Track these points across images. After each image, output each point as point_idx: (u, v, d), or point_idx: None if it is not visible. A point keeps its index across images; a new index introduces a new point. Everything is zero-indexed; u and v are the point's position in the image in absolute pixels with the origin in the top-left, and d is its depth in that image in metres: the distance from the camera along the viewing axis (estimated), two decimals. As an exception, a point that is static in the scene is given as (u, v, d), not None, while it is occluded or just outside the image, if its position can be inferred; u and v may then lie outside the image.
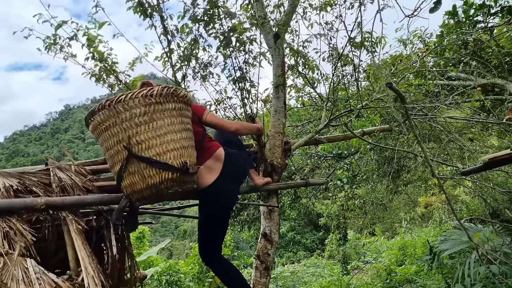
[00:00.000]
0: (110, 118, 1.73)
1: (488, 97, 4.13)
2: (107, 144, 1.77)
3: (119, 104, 1.71)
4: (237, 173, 2.25)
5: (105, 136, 1.77)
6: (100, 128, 1.77)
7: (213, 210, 2.16)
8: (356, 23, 2.81)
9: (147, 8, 2.66)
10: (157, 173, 1.74)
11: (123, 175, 1.75)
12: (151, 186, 1.75)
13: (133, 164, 1.73)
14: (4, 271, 1.33)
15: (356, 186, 6.03)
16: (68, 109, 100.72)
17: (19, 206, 1.67)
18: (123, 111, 1.71)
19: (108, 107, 1.72)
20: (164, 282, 6.18)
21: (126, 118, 1.71)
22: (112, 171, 1.87)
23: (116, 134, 1.73)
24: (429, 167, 3.03)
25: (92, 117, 1.79)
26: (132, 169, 1.74)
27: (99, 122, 1.76)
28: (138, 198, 1.81)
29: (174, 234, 30.88)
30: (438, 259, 5.55)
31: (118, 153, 1.75)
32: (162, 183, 1.76)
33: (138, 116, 1.72)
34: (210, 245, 2.24)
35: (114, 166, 1.80)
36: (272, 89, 3.00)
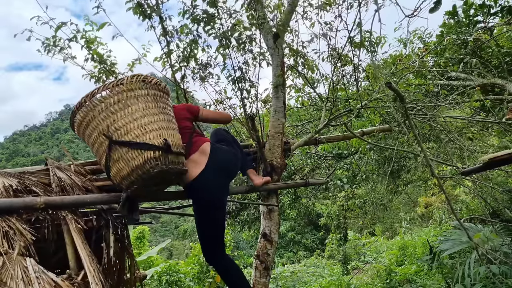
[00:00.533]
0: (89, 113, 1.81)
1: (488, 97, 4.13)
2: (91, 140, 1.84)
3: (93, 98, 1.79)
4: (224, 168, 2.21)
5: (88, 132, 1.84)
6: (83, 126, 1.85)
7: (200, 206, 2.15)
8: (356, 23, 2.81)
9: (146, 9, 2.66)
10: (139, 154, 1.79)
11: (109, 164, 1.80)
12: (136, 167, 1.78)
13: (116, 151, 1.79)
14: (3, 270, 1.33)
15: (356, 186, 6.03)
16: (68, 109, 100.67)
17: (18, 205, 1.67)
18: (98, 103, 1.79)
19: (85, 103, 1.80)
20: (164, 282, 6.18)
21: (102, 109, 1.78)
22: (101, 166, 1.90)
23: (97, 127, 1.80)
24: (429, 167, 3.03)
25: (74, 118, 1.86)
26: (116, 156, 1.79)
27: (80, 120, 1.84)
28: (128, 184, 1.82)
29: (174, 234, 30.87)
30: (438, 259, 5.54)
31: (102, 145, 1.81)
32: (146, 162, 1.78)
33: (112, 104, 1.79)
34: (209, 243, 2.24)
35: (101, 159, 1.84)
36: (271, 89, 3.00)
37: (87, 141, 1.89)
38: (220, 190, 2.21)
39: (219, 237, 2.24)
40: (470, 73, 4.54)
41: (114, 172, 1.81)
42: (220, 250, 2.25)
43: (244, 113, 2.68)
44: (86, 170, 2.14)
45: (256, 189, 2.65)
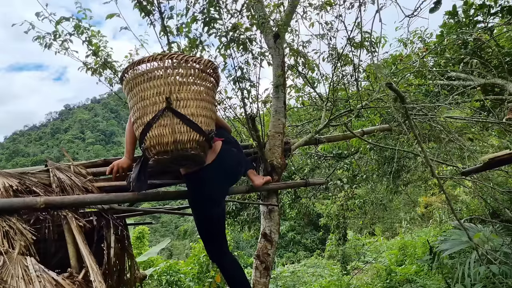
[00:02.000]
0: (157, 70, 1.84)
1: (488, 97, 4.13)
2: (144, 94, 1.85)
3: (170, 60, 1.84)
4: (228, 171, 2.24)
5: (145, 86, 1.85)
6: (142, 77, 1.86)
7: (195, 199, 2.16)
8: (356, 23, 2.81)
9: (145, 6, 2.66)
10: (187, 131, 1.84)
11: (153, 124, 1.81)
12: (178, 141, 1.82)
13: (167, 117, 1.82)
14: (4, 269, 1.33)
15: (356, 186, 6.03)
16: (68, 109, 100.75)
17: (19, 205, 1.67)
18: (171, 67, 1.84)
19: (160, 60, 1.84)
20: (164, 282, 6.18)
21: (173, 74, 1.84)
22: (137, 122, 1.88)
23: (158, 86, 1.83)
24: (429, 167, 3.04)
25: (138, 65, 1.87)
26: (164, 122, 1.82)
27: (144, 71, 1.85)
28: (159, 152, 1.83)
29: (174, 234, 30.88)
30: (438, 259, 5.55)
31: (155, 104, 1.83)
32: (189, 142, 1.84)
33: (183, 76, 1.86)
34: (208, 241, 2.25)
35: (144, 116, 1.84)
36: (272, 89, 3.00)
37: (135, 93, 1.88)
38: (219, 189, 2.22)
39: (217, 235, 2.23)
40: (470, 73, 4.54)
41: (154, 134, 1.82)
42: (221, 249, 2.25)
43: (245, 113, 2.67)
44: (87, 171, 2.14)
45: (256, 189, 2.65)
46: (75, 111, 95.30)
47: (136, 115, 1.89)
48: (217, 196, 2.22)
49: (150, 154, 1.86)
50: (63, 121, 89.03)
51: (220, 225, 2.24)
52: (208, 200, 2.16)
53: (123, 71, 1.94)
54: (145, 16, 2.69)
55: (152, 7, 2.65)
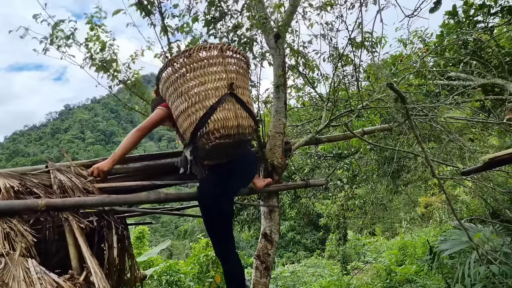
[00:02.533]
0: (217, 58, 1.92)
1: (488, 97, 4.13)
2: (204, 79, 1.90)
3: (229, 51, 1.96)
4: (248, 168, 2.31)
5: (205, 71, 1.91)
6: (202, 63, 1.91)
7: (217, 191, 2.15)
8: (357, 23, 2.81)
9: (146, 5, 2.65)
10: (246, 116, 1.94)
11: (217, 108, 1.85)
12: (241, 126, 1.88)
13: (230, 102, 1.89)
14: (5, 271, 1.33)
15: (356, 186, 6.03)
16: (68, 109, 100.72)
17: (20, 207, 1.66)
18: (230, 57, 1.95)
19: (220, 50, 1.93)
20: (164, 282, 6.18)
21: (230, 63, 1.95)
22: (194, 107, 1.89)
23: (219, 73, 1.91)
24: (429, 167, 3.04)
25: (196, 51, 1.92)
26: (228, 106, 1.88)
27: (204, 57, 1.92)
28: (223, 135, 1.85)
29: (174, 234, 30.88)
30: (438, 259, 5.55)
31: (217, 89, 1.88)
32: (248, 127, 1.94)
33: (240, 67, 2.00)
34: (219, 240, 2.27)
35: (205, 100, 1.87)
36: (272, 89, 3.00)
37: (192, 77, 1.91)
38: (237, 185, 2.28)
39: (227, 234, 2.25)
40: (470, 73, 4.54)
41: (219, 117, 1.85)
42: (229, 248, 2.27)
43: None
44: (88, 172, 2.13)
45: (257, 191, 2.65)
46: (75, 111, 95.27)
47: (193, 99, 1.89)
48: (235, 191, 2.29)
49: (210, 138, 1.86)
50: (63, 121, 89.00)
51: (230, 223, 2.27)
52: (227, 194, 2.19)
53: (180, 53, 1.98)
54: (145, 16, 2.69)
55: (153, 7, 2.65)
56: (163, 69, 2.01)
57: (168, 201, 2.35)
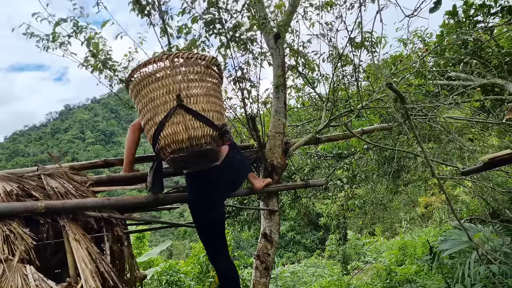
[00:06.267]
0: (164, 70, 1.86)
1: (488, 97, 4.13)
2: (154, 95, 1.86)
3: (176, 59, 1.87)
4: (232, 175, 2.26)
5: (154, 86, 1.86)
6: (150, 78, 1.87)
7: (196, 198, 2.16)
8: (356, 23, 2.81)
9: (145, 6, 2.66)
10: (200, 126, 1.86)
11: (166, 123, 1.82)
12: (193, 138, 1.83)
13: (179, 115, 1.84)
14: (3, 278, 1.33)
15: (356, 186, 6.02)
16: (68, 109, 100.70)
17: (19, 209, 1.66)
18: (179, 66, 1.87)
19: (166, 59, 1.86)
20: (164, 282, 6.17)
21: (180, 72, 1.87)
22: (149, 123, 1.88)
23: (167, 85, 1.84)
24: (429, 167, 3.04)
25: (144, 67, 1.88)
26: (176, 120, 1.83)
27: (151, 73, 1.87)
28: (174, 151, 1.83)
29: (174, 234, 30.83)
30: (438, 259, 5.54)
31: (165, 103, 1.84)
32: (203, 137, 1.86)
33: (190, 73, 1.88)
34: (209, 244, 2.27)
35: (156, 116, 1.85)
36: (272, 90, 3.00)
37: (144, 94, 1.89)
38: (220, 192, 2.23)
39: (216, 239, 2.24)
40: (470, 73, 4.54)
41: (168, 133, 1.83)
42: (220, 252, 2.26)
43: (245, 113, 2.68)
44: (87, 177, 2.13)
45: (256, 192, 2.65)
46: (75, 111, 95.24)
47: (146, 116, 1.88)
48: (217, 199, 2.22)
49: (165, 154, 1.86)
50: (63, 121, 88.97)
51: (219, 229, 2.24)
52: (207, 201, 2.15)
53: (128, 75, 1.95)
54: (143, 16, 2.69)
55: (152, 7, 2.65)
56: (126, 87, 2.01)
57: (167, 203, 2.35)
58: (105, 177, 2.25)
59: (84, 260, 1.60)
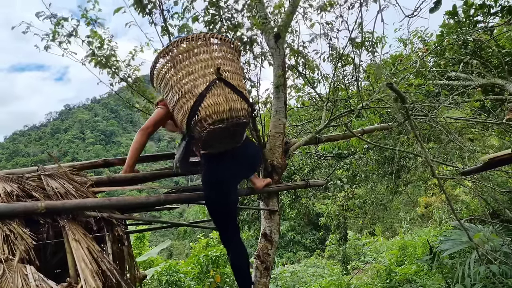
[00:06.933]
0: (201, 47, 1.95)
1: (488, 97, 4.13)
2: (192, 68, 1.92)
3: (213, 39, 1.98)
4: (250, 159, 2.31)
5: (192, 60, 1.93)
6: (188, 53, 1.94)
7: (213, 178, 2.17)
8: (357, 23, 2.81)
9: (146, 4, 2.66)
10: (238, 99, 1.94)
11: (206, 94, 1.85)
12: (233, 109, 1.89)
13: (219, 87, 1.90)
14: (3, 278, 1.33)
15: (356, 186, 6.02)
16: (68, 109, 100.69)
17: (20, 209, 1.66)
18: (216, 44, 1.98)
19: (203, 38, 1.95)
20: (164, 282, 6.17)
21: (216, 50, 1.97)
22: (185, 97, 1.91)
23: (206, 60, 1.93)
24: (429, 167, 3.04)
25: (182, 42, 1.95)
26: (217, 92, 1.89)
27: (189, 48, 1.93)
28: (215, 120, 1.86)
29: (174, 234, 30.83)
30: (438, 259, 5.55)
31: (205, 76, 1.91)
32: (241, 110, 1.93)
33: (226, 52, 2.01)
34: (222, 227, 2.31)
35: (195, 88, 1.89)
36: (272, 90, 3.00)
37: (182, 67, 1.93)
38: (236, 174, 2.27)
39: (229, 223, 2.28)
40: (470, 73, 4.54)
41: (209, 103, 1.85)
42: (234, 236, 2.31)
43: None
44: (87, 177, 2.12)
45: (257, 192, 2.65)
46: (75, 111, 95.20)
47: (183, 90, 1.91)
48: (234, 181, 2.28)
49: (203, 125, 1.87)
50: (63, 121, 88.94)
51: (233, 212, 2.30)
52: (225, 182, 2.18)
53: (167, 46, 1.99)
54: (145, 15, 2.69)
55: (153, 6, 2.65)
56: (154, 66, 2.03)
57: (168, 203, 2.35)
58: (105, 178, 2.25)
59: (84, 260, 1.60)
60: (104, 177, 2.26)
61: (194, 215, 20.23)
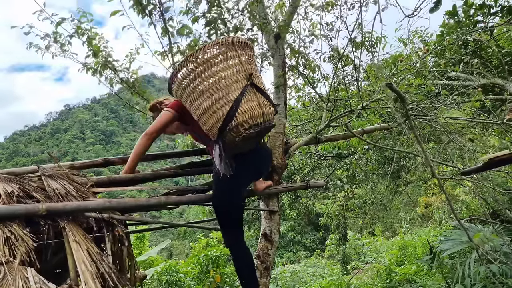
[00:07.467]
0: (231, 51, 1.96)
1: (488, 97, 4.13)
2: (225, 74, 1.92)
3: (239, 43, 1.98)
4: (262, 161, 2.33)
5: (224, 66, 1.94)
6: (218, 58, 1.94)
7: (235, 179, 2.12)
8: (357, 24, 2.82)
9: (146, 5, 2.66)
10: (268, 104, 1.99)
11: (241, 100, 1.88)
12: (265, 113, 1.94)
13: (251, 92, 1.94)
14: (4, 281, 1.32)
15: (356, 186, 6.03)
16: (68, 109, 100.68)
17: (20, 212, 1.65)
18: (241, 49, 1.99)
19: (231, 43, 1.96)
20: (164, 282, 6.17)
21: (242, 54, 1.99)
22: (219, 102, 1.91)
23: (235, 65, 1.95)
24: (429, 167, 3.04)
25: (213, 47, 1.95)
26: (250, 97, 1.93)
27: (220, 52, 1.95)
28: (251, 125, 1.89)
29: (174, 234, 30.84)
30: (438, 259, 5.55)
31: (237, 82, 1.93)
32: (271, 113, 1.99)
33: (249, 56, 2.03)
34: (227, 228, 2.29)
35: (229, 94, 1.90)
36: (272, 90, 3.00)
37: (209, 74, 1.93)
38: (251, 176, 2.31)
39: (235, 222, 2.28)
40: (470, 73, 4.54)
41: (246, 109, 1.88)
42: (237, 236, 2.30)
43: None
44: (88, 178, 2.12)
45: (257, 194, 2.65)
46: (75, 111, 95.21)
47: (215, 96, 1.91)
48: (248, 181, 2.32)
49: (239, 131, 1.89)
50: (63, 121, 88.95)
51: (239, 213, 2.31)
52: (239, 184, 2.19)
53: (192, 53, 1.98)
54: (144, 16, 2.69)
55: (152, 6, 2.66)
56: (177, 71, 2.02)
57: (168, 205, 2.34)
58: (106, 178, 2.25)
59: (84, 262, 1.60)
60: (104, 177, 2.25)
61: (194, 215, 20.23)
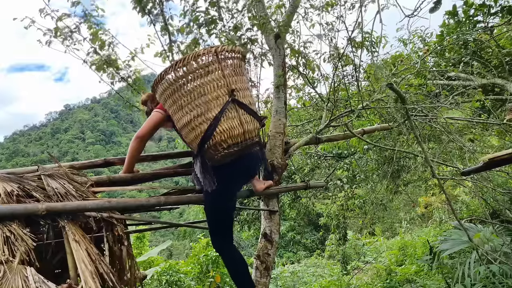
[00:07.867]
0: (213, 64, 1.81)
1: (488, 97, 4.13)
2: (205, 89, 1.80)
3: (224, 52, 1.83)
4: (251, 168, 2.27)
5: (203, 81, 1.80)
6: (199, 72, 1.81)
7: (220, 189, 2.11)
8: (357, 23, 2.82)
9: (146, 4, 2.66)
10: (251, 120, 1.87)
11: (221, 118, 1.79)
12: (247, 131, 1.84)
13: (233, 109, 1.82)
14: (3, 280, 1.32)
15: (356, 186, 6.03)
16: (68, 109, 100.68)
17: (20, 212, 1.65)
18: (226, 59, 1.84)
19: (214, 53, 1.81)
20: (164, 282, 6.17)
21: (227, 65, 1.84)
22: (197, 119, 1.83)
23: (217, 80, 1.80)
24: (429, 167, 3.04)
25: (192, 60, 1.81)
26: (231, 115, 1.82)
27: (201, 65, 1.80)
28: (230, 145, 1.82)
29: (174, 234, 30.82)
30: (438, 259, 5.54)
31: (218, 98, 1.81)
32: (254, 130, 1.89)
33: (235, 67, 1.88)
34: (217, 232, 2.28)
35: (208, 111, 1.80)
36: (272, 90, 3.01)
37: (189, 90, 1.81)
38: (240, 183, 2.27)
39: (225, 228, 2.26)
40: (470, 73, 4.54)
41: (224, 128, 1.80)
42: (225, 240, 2.28)
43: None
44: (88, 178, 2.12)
45: (257, 194, 2.64)
46: (75, 111, 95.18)
47: (194, 112, 1.82)
48: (238, 189, 2.28)
49: (218, 149, 1.83)
50: (63, 121, 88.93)
51: (230, 218, 2.29)
52: (228, 192, 2.17)
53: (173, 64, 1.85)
54: (144, 15, 2.70)
55: (153, 6, 2.66)
56: (158, 81, 1.92)
57: (168, 205, 2.34)
58: (105, 178, 2.25)
59: (84, 262, 1.60)
60: (104, 177, 2.25)
61: (194, 215, 20.22)
